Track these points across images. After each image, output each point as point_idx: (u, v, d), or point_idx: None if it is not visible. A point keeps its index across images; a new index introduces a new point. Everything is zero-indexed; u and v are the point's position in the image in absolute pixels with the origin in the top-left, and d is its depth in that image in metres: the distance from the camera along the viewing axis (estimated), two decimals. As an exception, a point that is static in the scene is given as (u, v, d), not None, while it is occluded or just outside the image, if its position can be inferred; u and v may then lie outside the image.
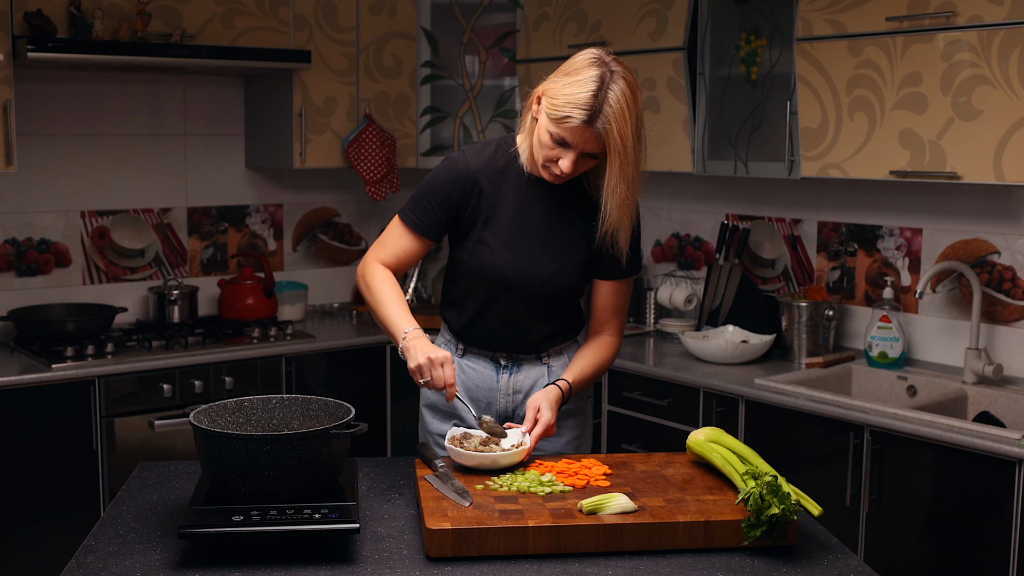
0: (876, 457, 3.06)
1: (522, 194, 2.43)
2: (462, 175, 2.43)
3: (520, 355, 2.54)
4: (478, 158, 2.45)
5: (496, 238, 2.42)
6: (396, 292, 2.44)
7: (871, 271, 3.76)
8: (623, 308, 2.54)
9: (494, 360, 2.54)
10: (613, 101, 2.19)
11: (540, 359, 2.55)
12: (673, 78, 3.79)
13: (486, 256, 2.43)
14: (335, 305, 4.77)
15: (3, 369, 3.54)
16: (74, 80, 4.07)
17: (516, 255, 2.42)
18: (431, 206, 2.44)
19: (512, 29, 4.45)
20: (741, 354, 3.67)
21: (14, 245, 4.02)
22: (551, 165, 2.31)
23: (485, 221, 2.43)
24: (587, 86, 2.20)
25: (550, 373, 2.55)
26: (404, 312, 2.40)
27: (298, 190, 4.67)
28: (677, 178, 4.30)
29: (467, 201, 2.43)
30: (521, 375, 2.54)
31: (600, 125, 2.20)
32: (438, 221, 2.45)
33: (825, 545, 2.01)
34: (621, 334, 2.56)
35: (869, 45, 3.24)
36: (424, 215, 2.45)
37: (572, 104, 2.20)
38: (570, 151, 2.26)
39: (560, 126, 2.23)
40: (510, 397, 2.54)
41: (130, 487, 2.28)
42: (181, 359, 3.78)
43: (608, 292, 2.51)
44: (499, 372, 2.54)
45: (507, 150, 2.46)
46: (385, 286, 2.44)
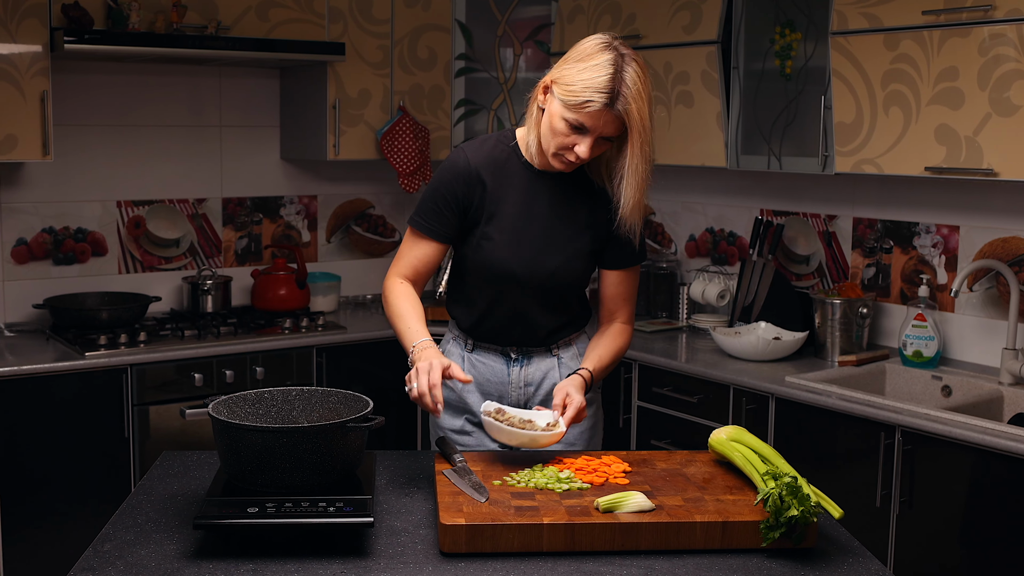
0: (907, 458, 3.02)
1: (525, 187, 2.42)
2: (463, 172, 2.42)
3: (530, 348, 2.53)
4: (478, 153, 2.44)
5: (501, 233, 2.42)
6: (409, 305, 2.44)
7: (907, 268, 3.71)
8: (633, 296, 2.55)
9: (504, 354, 2.54)
10: (630, 82, 2.21)
11: (550, 351, 2.55)
12: (707, 72, 3.76)
13: (492, 251, 2.42)
14: (368, 297, 4.78)
15: (38, 357, 3.58)
16: (111, 71, 4.11)
17: (521, 249, 2.42)
18: (438, 208, 2.44)
19: (547, 22, 4.43)
20: (773, 351, 3.63)
21: (51, 234, 4.06)
22: (565, 152, 2.29)
23: (489, 216, 2.42)
24: (604, 70, 2.20)
25: (560, 365, 2.55)
26: (416, 324, 2.40)
27: (332, 181, 4.68)
28: (712, 173, 4.27)
29: (471, 197, 2.43)
30: (532, 368, 2.54)
31: (620, 107, 2.21)
32: (447, 222, 2.44)
33: (846, 548, 1.98)
34: (633, 321, 2.57)
35: (905, 39, 3.19)
36: (432, 218, 2.44)
37: (591, 88, 2.20)
38: (587, 136, 2.25)
39: (580, 111, 2.22)
40: (522, 390, 2.54)
41: (151, 476, 2.29)
42: (213, 349, 3.81)
43: (618, 281, 2.51)
44: (510, 365, 2.53)
45: (507, 144, 2.45)
46: (399, 301, 2.46)
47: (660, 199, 4.51)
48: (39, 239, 4.04)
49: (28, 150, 3.62)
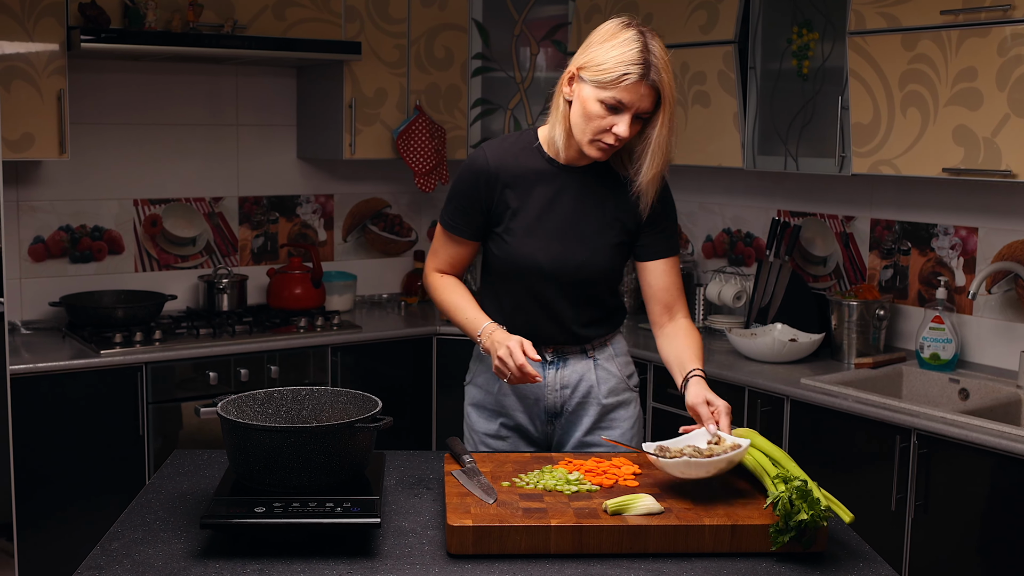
0: (923, 462, 2.99)
1: (549, 183, 2.42)
2: (482, 171, 2.43)
3: (565, 348, 2.51)
4: (498, 152, 2.44)
5: (525, 228, 2.42)
6: (461, 293, 2.51)
7: (924, 270, 3.68)
8: (682, 286, 2.51)
9: (540, 356, 2.51)
10: (658, 54, 2.24)
11: (585, 352, 2.52)
12: (723, 72, 3.74)
13: (517, 248, 2.42)
14: (384, 296, 4.78)
15: (54, 354, 3.59)
16: (127, 70, 4.12)
17: (547, 243, 2.41)
18: (461, 207, 2.47)
19: (564, 21, 4.42)
20: (789, 353, 3.61)
21: (68, 232, 4.08)
22: (603, 136, 2.29)
23: (512, 213, 2.43)
24: (632, 44, 2.23)
25: (596, 367, 2.52)
26: (473, 312, 2.46)
27: (349, 181, 4.68)
28: (729, 173, 4.25)
29: (492, 196, 2.43)
30: (567, 370, 2.51)
31: (655, 77, 2.23)
32: (472, 221, 2.47)
33: (856, 552, 1.96)
34: (689, 314, 2.52)
35: (923, 39, 3.16)
36: (458, 218, 2.48)
37: (625, 63, 2.22)
38: (625, 114, 2.26)
39: (616, 87, 2.23)
40: (557, 393, 2.51)
41: (162, 475, 2.29)
42: (228, 347, 3.81)
43: (664, 270, 2.48)
44: (545, 368, 2.51)
45: (529, 142, 2.45)
46: (447, 293, 2.52)
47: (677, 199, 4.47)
48: (56, 237, 4.05)
49: (45, 149, 3.63)
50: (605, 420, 2.54)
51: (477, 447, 2.60)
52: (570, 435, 2.54)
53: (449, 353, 4.23)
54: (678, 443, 2.16)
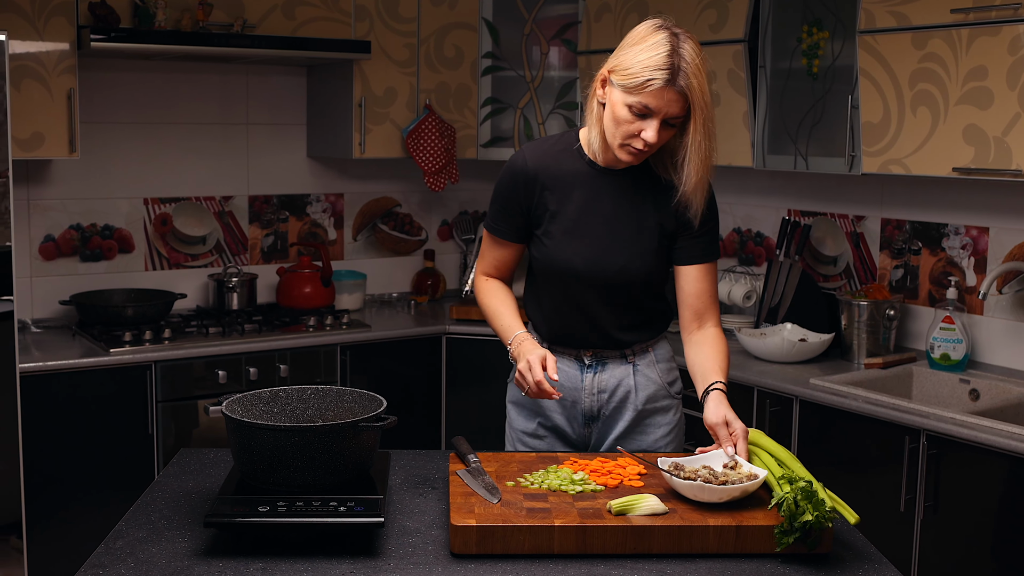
0: (932, 463, 2.98)
1: (588, 186, 2.39)
2: (521, 174, 2.42)
3: (604, 353, 2.49)
4: (537, 154, 2.43)
5: (564, 232, 2.40)
6: (501, 299, 2.51)
7: (935, 270, 3.67)
8: (716, 294, 2.47)
9: (579, 359, 2.50)
10: (688, 58, 2.19)
11: (625, 357, 2.49)
12: (733, 71, 3.73)
13: (555, 251, 2.41)
14: (394, 295, 4.78)
15: (64, 352, 3.60)
16: (138, 69, 4.13)
17: (585, 247, 2.39)
18: (503, 210, 2.46)
19: (574, 20, 4.41)
20: (798, 353, 3.59)
21: (79, 231, 4.09)
22: (632, 141, 2.26)
23: (551, 216, 2.41)
24: (661, 47, 2.19)
25: (636, 372, 2.49)
26: (509, 319, 2.46)
27: (359, 180, 4.68)
28: (740, 172, 4.23)
29: (531, 199, 2.42)
30: (606, 374, 2.49)
31: (682, 82, 2.18)
32: (514, 223, 2.46)
33: (862, 554, 1.95)
34: (720, 323, 2.48)
35: (933, 38, 3.15)
36: (500, 220, 2.48)
37: (651, 67, 2.18)
38: (652, 119, 2.22)
39: (642, 92, 2.19)
40: (595, 396, 2.49)
41: (167, 473, 2.29)
42: (237, 346, 3.82)
43: (698, 276, 2.42)
44: (584, 371, 2.49)
45: (570, 144, 2.42)
46: (488, 297, 2.53)
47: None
48: (66, 236, 4.06)
49: (55, 147, 3.65)
50: (640, 425, 2.51)
51: (515, 444, 2.59)
52: (605, 438, 2.52)
53: (459, 352, 4.23)
54: (694, 462, 2.13)
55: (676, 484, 2.02)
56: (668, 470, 2.06)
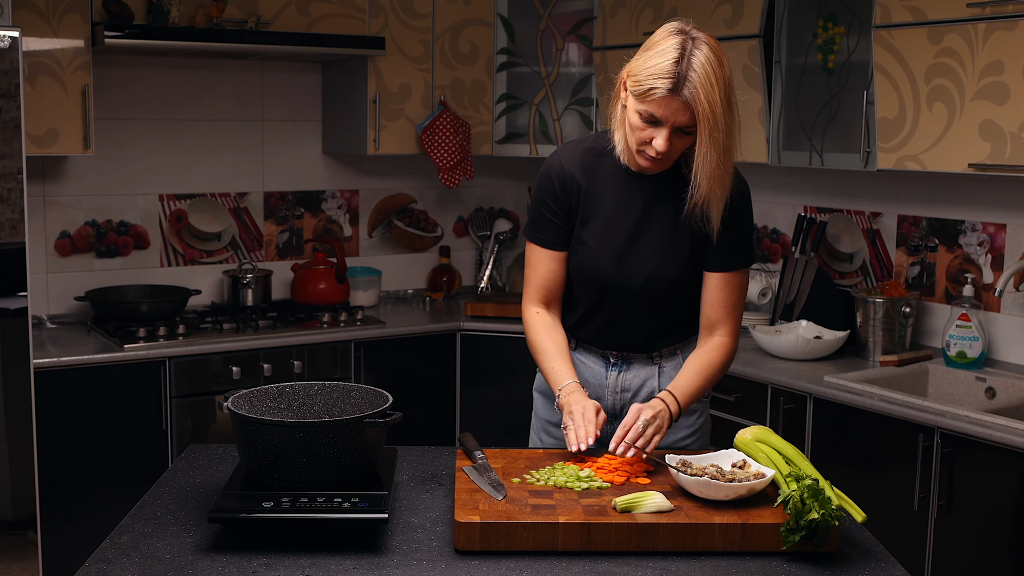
0: (947, 461, 2.95)
1: (620, 190, 2.35)
2: (559, 176, 2.38)
3: (630, 353, 2.46)
4: (571, 156, 2.39)
5: (594, 237, 2.36)
6: (552, 339, 2.42)
7: (952, 267, 3.63)
8: (736, 304, 2.37)
9: (604, 357, 2.47)
10: (697, 67, 2.10)
11: (651, 358, 2.46)
12: (748, 66, 3.71)
13: (585, 257, 2.37)
14: (409, 291, 4.78)
15: (79, 348, 3.62)
16: (152, 65, 4.14)
17: (614, 254, 2.35)
18: (547, 216, 2.40)
19: (589, 16, 4.39)
20: (813, 350, 3.57)
21: (94, 227, 4.10)
22: (646, 148, 2.22)
23: (584, 220, 2.37)
24: (668, 55, 2.12)
25: (661, 373, 2.45)
26: (558, 363, 2.38)
27: (374, 176, 4.68)
28: (756, 168, 4.20)
29: (570, 200, 2.38)
30: (630, 374, 2.46)
31: (687, 93, 2.10)
32: (557, 228, 2.40)
33: (870, 552, 1.93)
34: (734, 334, 2.39)
35: (949, 32, 3.12)
36: (545, 228, 2.41)
37: (655, 75, 2.12)
38: (662, 128, 2.17)
39: (646, 100, 2.15)
40: (618, 395, 2.47)
41: (175, 468, 2.30)
42: (251, 342, 3.83)
43: (716, 285, 2.36)
44: (608, 369, 2.47)
45: (604, 145, 2.37)
46: (537, 336, 2.44)
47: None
48: (82, 232, 4.08)
49: (69, 144, 3.66)
50: None
51: (540, 434, 2.57)
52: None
53: (473, 349, 4.22)
54: (702, 460, 2.12)
55: (682, 480, 2.01)
56: (675, 466, 2.05)
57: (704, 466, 2.06)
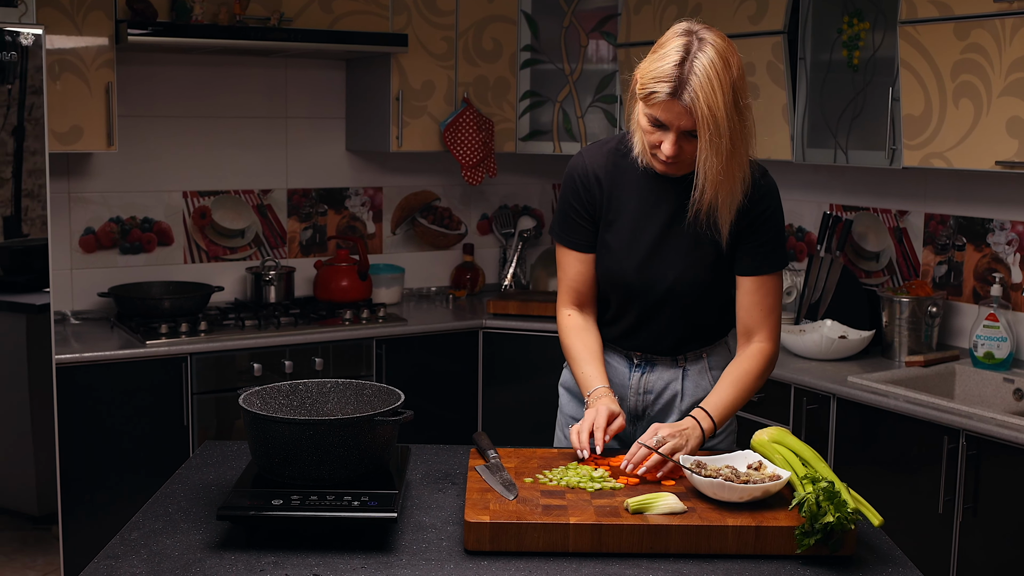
0: (972, 463, 2.91)
1: (644, 192, 2.31)
2: (583, 177, 2.35)
3: (655, 355, 2.42)
4: (595, 157, 2.36)
5: (618, 241, 2.33)
6: (585, 343, 2.39)
7: (980, 266, 3.58)
8: (772, 308, 2.31)
9: (628, 357, 2.44)
10: (699, 70, 2.05)
11: (675, 361, 2.42)
12: (773, 63, 3.67)
13: (609, 261, 2.35)
14: (432, 289, 4.77)
15: (102, 344, 3.63)
16: (176, 62, 4.15)
17: (638, 258, 2.32)
18: (573, 218, 2.38)
19: (613, 13, 4.37)
20: (837, 350, 3.53)
21: (118, 223, 4.12)
22: (657, 152, 2.18)
23: (608, 223, 2.34)
24: (671, 58, 2.08)
25: (685, 376, 2.42)
26: (590, 367, 2.36)
27: (398, 173, 4.67)
28: (781, 166, 4.16)
29: (594, 202, 2.35)
30: (654, 375, 2.42)
31: (687, 97, 2.06)
32: (584, 230, 2.38)
33: (887, 557, 1.90)
34: (773, 339, 2.32)
35: (976, 28, 3.07)
36: (571, 230, 2.39)
37: (656, 78, 2.09)
38: (668, 132, 2.13)
39: (648, 104, 2.12)
40: (640, 396, 2.43)
41: (189, 465, 2.30)
42: (273, 339, 3.83)
43: (751, 289, 2.30)
44: (632, 369, 2.44)
45: (627, 147, 2.32)
46: (570, 340, 2.42)
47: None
48: (106, 228, 4.10)
49: (93, 141, 3.67)
50: None
51: (564, 429, 2.53)
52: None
53: (496, 347, 4.21)
54: (717, 461, 2.09)
55: (696, 481, 1.98)
56: (689, 468, 2.03)
57: (719, 467, 2.03)
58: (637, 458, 2.09)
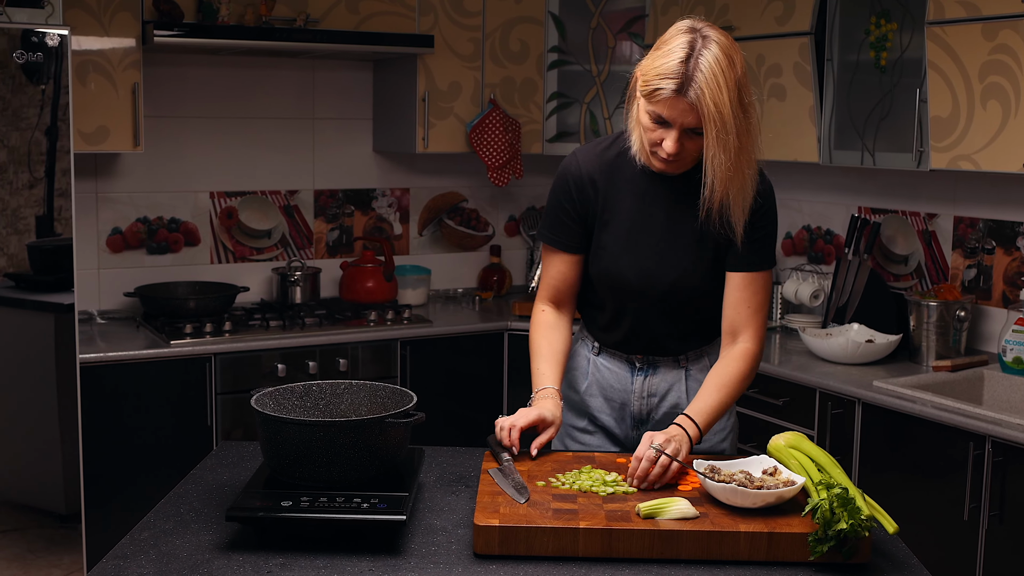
0: (998, 470, 2.86)
1: (641, 192, 2.29)
2: (576, 178, 2.33)
3: (657, 357, 2.40)
4: (590, 157, 2.34)
5: (615, 241, 2.31)
6: (550, 341, 2.38)
7: (1009, 270, 3.53)
8: (759, 306, 2.28)
9: (629, 362, 2.42)
10: (705, 67, 2.04)
11: (678, 362, 2.40)
12: (800, 64, 3.63)
13: (609, 262, 2.32)
14: (459, 290, 4.77)
15: (127, 343, 3.65)
16: (203, 63, 4.17)
17: (637, 259, 2.30)
18: (561, 218, 2.35)
19: (641, 14, 4.34)
20: (863, 354, 3.49)
21: (145, 224, 4.14)
22: (657, 150, 2.17)
23: (604, 224, 2.32)
24: (675, 55, 2.06)
25: (688, 377, 2.40)
26: (544, 365, 2.36)
27: (425, 174, 4.67)
28: (811, 168, 4.13)
29: (587, 204, 2.32)
30: (657, 378, 2.41)
31: (692, 94, 2.05)
32: (572, 231, 2.35)
33: (903, 564, 1.87)
34: (758, 339, 2.29)
35: (1004, 28, 3.02)
36: (558, 230, 2.36)
37: (661, 75, 2.07)
38: (671, 129, 2.12)
39: (652, 101, 2.10)
40: (644, 400, 2.41)
41: (204, 466, 2.30)
42: (297, 339, 3.83)
43: (739, 286, 2.28)
44: (634, 374, 2.41)
45: (622, 146, 2.31)
46: (536, 335, 2.41)
47: (756, 195, 4.39)
48: (133, 228, 4.12)
49: (119, 141, 3.70)
50: None
51: (564, 439, 2.51)
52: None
53: (521, 348, 4.18)
54: (731, 466, 2.06)
55: (709, 486, 1.96)
56: (703, 472, 2.00)
57: (733, 472, 2.01)
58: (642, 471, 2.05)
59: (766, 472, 2.03)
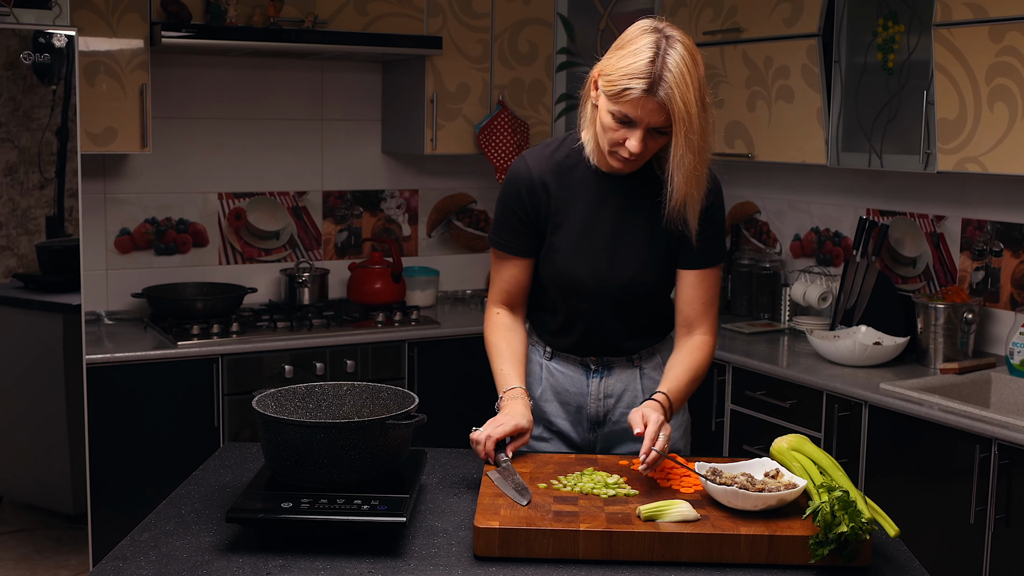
0: (1004, 473, 2.85)
1: (592, 193, 2.29)
2: (528, 183, 2.31)
3: (611, 358, 2.41)
4: (540, 161, 2.32)
5: (568, 243, 2.30)
6: (508, 341, 2.39)
7: (1017, 272, 3.51)
8: (712, 301, 2.34)
9: (583, 364, 2.42)
10: (672, 66, 2.04)
11: (631, 362, 2.41)
12: (807, 66, 3.62)
13: (561, 264, 2.31)
14: (468, 292, 4.77)
15: (134, 344, 3.67)
16: (210, 64, 4.18)
17: (591, 260, 2.30)
18: (510, 223, 2.34)
19: (649, 15, 4.33)
20: (871, 356, 3.48)
21: (154, 224, 4.15)
22: (618, 149, 2.16)
23: (556, 226, 2.31)
24: (643, 54, 2.06)
25: (642, 376, 2.41)
26: (507, 366, 2.36)
27: (434, 176, 4.68)
28: (819, 171, 4.12)
29: (538, 208, 2.31)
30: (612, 379, 2.41)
31: (662, 93, 2.04)
32: (523, 236, 2.34)
33: (904, 568, 1.86)
34: (714, 331, 2.35)
35: (1011, 30, 3.01)
36: (507, 234, 2.35)
37: (629, 75, 2.06)
38: (636, 129, 2.11)
39: (620, 101, 2.08)
40: (601, 402, 2.41)
41: (206, 467, 2.30)
42: (304, 341, 3.84)
43: (693, 282, 2.32)
44: (589, 376, 2.41)
45: (572, 147, 2.31)
46: (492, 336, 2.42)
47: (765, 197, 4.38)
48: (142, 229, 4.14)
49: (127, 142, 3.71)
50: None
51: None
52: (613, 442, 2.43)
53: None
54: (733, 469, 2.06)
55: (711, 489, 1.96)
56: (705, 475, 2.00)
57: (734, 475, 2.01)
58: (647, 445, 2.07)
59: (768, 474, 2.03)
